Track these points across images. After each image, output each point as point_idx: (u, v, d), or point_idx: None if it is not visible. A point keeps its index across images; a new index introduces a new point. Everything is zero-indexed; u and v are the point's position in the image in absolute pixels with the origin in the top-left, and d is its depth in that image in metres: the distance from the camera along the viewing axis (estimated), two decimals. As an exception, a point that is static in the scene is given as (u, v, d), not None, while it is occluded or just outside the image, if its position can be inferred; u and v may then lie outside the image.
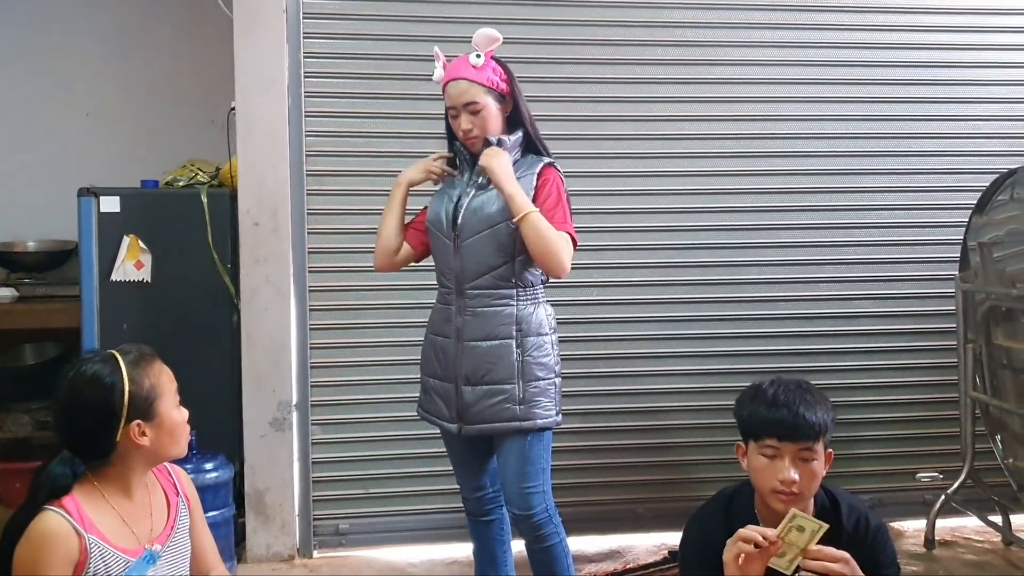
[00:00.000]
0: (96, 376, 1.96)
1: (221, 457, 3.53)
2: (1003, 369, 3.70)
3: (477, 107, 2.62)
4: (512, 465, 2.65)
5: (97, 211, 3.75)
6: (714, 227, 3.97)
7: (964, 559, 3.70)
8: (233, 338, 3.79)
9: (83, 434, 1.97)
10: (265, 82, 3.69)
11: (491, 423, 2.63)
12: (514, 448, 2.64)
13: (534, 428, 2.63)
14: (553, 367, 2.68)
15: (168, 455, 2.07)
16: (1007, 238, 3.62)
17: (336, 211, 3.76)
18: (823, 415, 2.06)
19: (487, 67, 2.64)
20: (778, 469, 2.03)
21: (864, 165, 4.05)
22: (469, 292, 2.65)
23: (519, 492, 2.65)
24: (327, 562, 3.74)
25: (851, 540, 2.07)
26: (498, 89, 2.65)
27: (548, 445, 2.70)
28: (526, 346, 2.62)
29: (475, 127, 2.64)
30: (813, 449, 2.04)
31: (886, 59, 4.05)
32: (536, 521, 2.65)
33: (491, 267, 2.62)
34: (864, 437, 4.03)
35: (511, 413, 2.61)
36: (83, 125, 4.85)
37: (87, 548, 1.90)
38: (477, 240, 2.63)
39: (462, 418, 2.67)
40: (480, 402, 2.63)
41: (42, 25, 4.84)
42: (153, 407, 2.00)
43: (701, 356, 3.97)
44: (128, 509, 2.02)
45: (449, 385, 2.69)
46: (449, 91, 2.66)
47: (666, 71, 3.94)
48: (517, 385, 2.61)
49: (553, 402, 2.67)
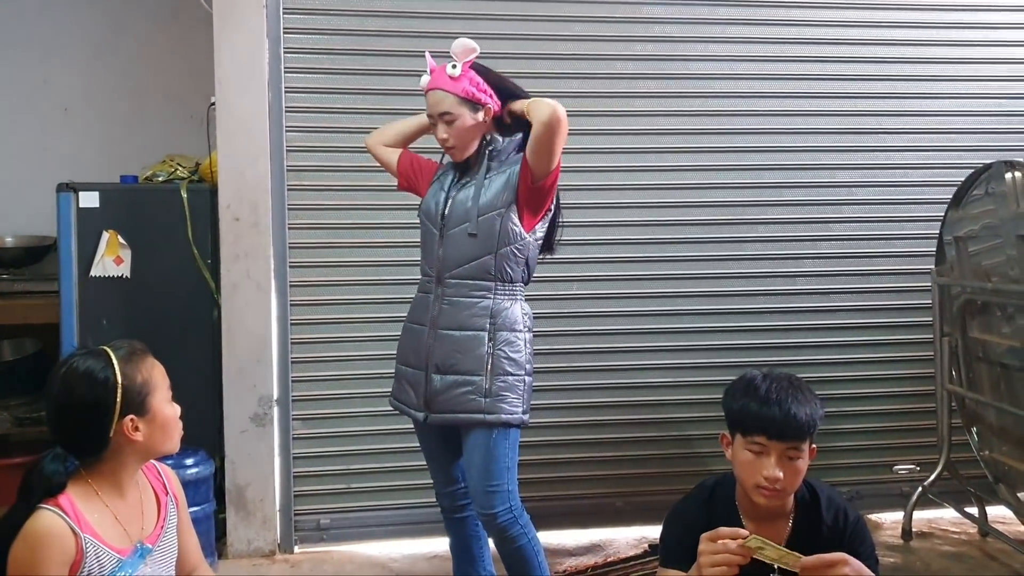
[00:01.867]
0: (89, 371, 1.95)
1: (202, 453, 3.53)
2: (979, 362, 3.74)
3: (451, 118, 2.65)
4: (476, 462, 2.67)
5: (76, 206, 3.73)
6: (691, 222, 3.99)
7: (941, 550, 3.74)
8: (213, 333, 3.78)
9: (77, 430, 1.97)
10: (245, 77, 3.68)
11: (456, 413, 2.65)
12: (479, 444, 2.65)
13: (498, 423, 2.63)
14: (524, 364, 2.68)
15: (161, 451, 2.06)
16: (982, 232, 3.66)
17: (316, 206, 3.76)
18: (812, 413, 2.06)
19: (463, 78, 2.65)
20: (764, 466, 2.03)
21: (841, 160, 4.08)
22: (448, 281, 2.68)
23: (482, 490, 2.66)
24: (308, 557, 3.74)
25: (830, 533, 2.09)
26: (473, 99, 2.65)
27: (514, 444, 2.70)
28: (498, 340, 2.64)
29: (450, 137, 2.67)
30: (800, 448, 2.04)
31: (863, 54, 4.07)
32: (500, 522, 2.66)
33: (472, 258, 2.64)
34: (842, 430, 4.06)
35: (476, 405, 2.62)
36: (61, 120, 4.82)
37: (83, 548, 1.90)
38: (460, 230, 2.65)
39: (429, 406, 2.69)
40: (447, 391, 2.65)
41: (20, 19, 4.81)
42: (146, 402, 2.00)
43: (679, 351, 3.99)
44: (121, 508, 2.01)
45: (420, 372, 2.71)
46: (428, 99, 2.70)
47: (639, 66, 3.96)
48: (485, 378, 2.62)
49: (520, 399, 2.66)
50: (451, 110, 2.64)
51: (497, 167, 2.69)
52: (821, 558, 1.89)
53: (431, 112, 2.70)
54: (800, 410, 2.04)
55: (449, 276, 2.67)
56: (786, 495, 2.07)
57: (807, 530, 2.10)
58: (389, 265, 3.73)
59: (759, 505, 2.08)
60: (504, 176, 2.66)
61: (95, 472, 1.99)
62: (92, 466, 1.99)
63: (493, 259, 2.64)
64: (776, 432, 2.03)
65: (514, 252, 2.65)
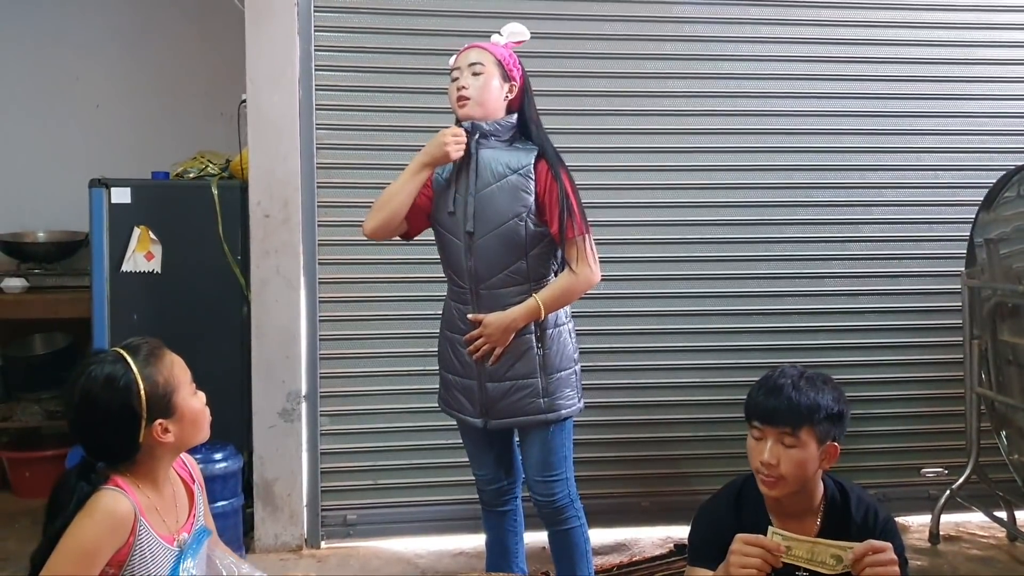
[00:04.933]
0: (109, 380, 1.91)
1: (230, 447, 3.56)
2: (1009, 365, 3.71)
3: (481, 68, 2.62)
4: (535, 456, 2.70)
5: (108, 202, 3.77)
6: (720, 222, 3.98)
7: (969, 554, 3.72)
8: (243, 329, 3.81)
9: (105, 440, 1.94)
10: (276, 74, 3.70)
11: (516, 417, 2.66)
12: (537, 439, 2.69)
13: (559, 419, 2.66)
14: (572, 356, 2.71)
15: (194, 443, 2.05)
16: (1014, 235, 3.64)
17: (346, 203, 3.77)
18: (814, 403, 2.04)
19: (505, 48, 2.68)
20: (760, 451, 2.05)
21: (871, 161, 4.06)
22: (484, 293, 2.64)
23: (542, 481, 2.70)
24: (335, 552, 3.76)
25: (860, 531, 2.08)
26: (507, 67, 2.65)
27: (569, 433, 2.75)
28: (545, 339, 2.65)
29: (471, 87, 2.61)
30: (795, 435, 2.03)
31: (894, 55, 4.04)
32: (559, 505, 2.71)
33: (505, 266, 2.62)
34: (869, 432, 4.04)
35: (536, 406, 2.64)
36: (93, 117, 4.88)
37: (137, 531, 1.89)
38: (489, 240, 2.61)
39: (488, 413, 2.69)
40: (505, 397, 2.65)
41: (53, 17, 4.87)
42: (172, 402, 1.97)
43: (706, 351, 3.98)
44: (158, 501, 2.00)
45: (471, 382, 2.69)
46: (459, 58, 2.68)
47: (669, 66, 3.94)
48: (540, 379, 2.64)
49: (575, 390, 2.71)
50: (483, 61, 2.62)
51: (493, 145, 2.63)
52: (871, 543, 1.88)
53: (458, 64, 2.65)
54: (799, 397, 2.04)
55: (484, 287, 2.64)
56: (788, 484, 2.05)
57: (836, 528, 2.09)
58: (418, 263, 3.74)
59: (786, 503, 2.08)
60: (514, 178, 2.59)
61: (130, 473, 1.97)
62: (127, 468, 1.96)
63: (525, 263, 2.62)
64: (768, 417, 2.05)
65: (544, 251, 2.64)
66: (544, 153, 2.63)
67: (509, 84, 2.66)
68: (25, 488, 4.37)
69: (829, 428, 2.07)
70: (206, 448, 3.39)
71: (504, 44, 2.68)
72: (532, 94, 2.73)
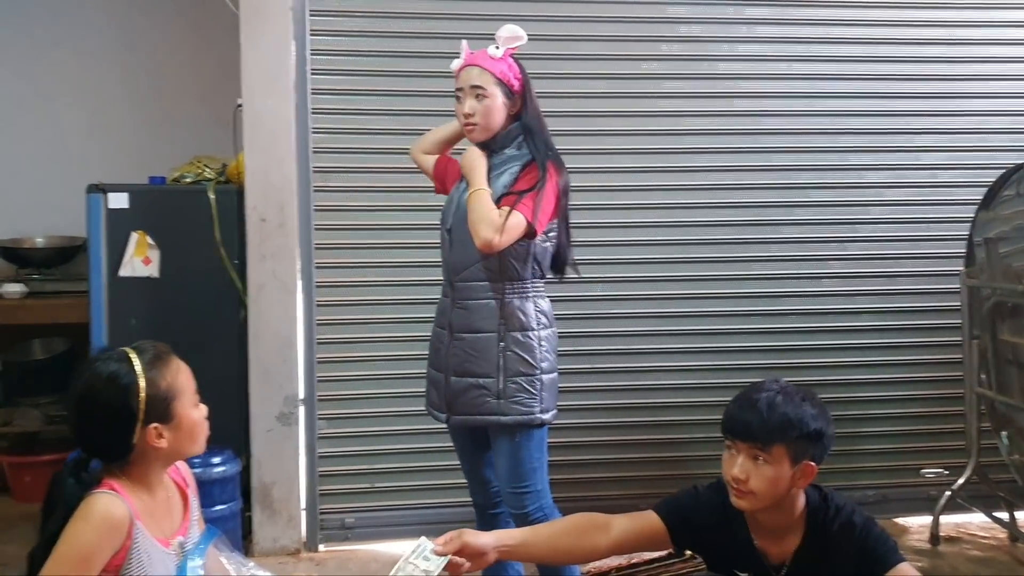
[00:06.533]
0: (113, 377, 1.92)
1: (228, 451, 3.56)
2: (1009, 365, 3.69)
3: (484, 93, 2.64)
4: (504, 465, 2.68)
5: (105, 207, 3.77)
6: (717, 223, 3.97)
7: (969, 555, 3.70)
8: (240, 333, 3.81)
9: (99, 435, 1.95)
10: (272, 79, 3.70)
11: (471, 415, 2.67)
12: (504, 447, 2.67)
13: (514, 424, 2.63)
14: (539, 363, 2.65)
15: (187, 454, 2.05)
16: (1013, 234, 3.62)
17: (342, 207, 3.78)
18: (788, 420, 1.99)
19: (503, 61, 2.67)
20: (732, 465, 2.04)
21: (869, 160, 4.05)
22: (458, 285, 2.69)
23: (512, 492, 2.69)
24: (333, 556, 3.76)
25: (840, 545, 2.04)
26: (508, 84, 2.66)
27: (540, 444, 2.70)
28: (509, 341, 2.63)
29: (476, 113, 2.66)
30: (767, 451, 1.99)
31: (891, 54, 4.04)
32: (531, 519, 2.66)
33: (476, 259, 2.64)
34: (869, 433, 4.03)
35: (489, 407, 2.63)
36: (90, 122, 4.88)
37: (133, 535, 1.89)
38: (463, 234, 2.63)
39: (450, 408, 2.71)
40: (464, 393, 2.66)
41: (49, 22, 4.87)
42: (171, 409, 1.97)
43: (703, 352, 3.98)
44: (151, 504, 2.00)
45: (441, 375, 2.73)
46: (461, 75, 2.70)
47: (666, 66, 3.95)
48: (497, 379, 2.62)
49: (536, 399, 2.64)
50: (485, 86, 2.64)
51: (499, 164, 2.67)
52: None
53: (461, 85, 2.68)
54: (771, 414, 1.99)
55: (458, 279, 2.69)
56: (758, 499, 2.02)
57: (817, 544, 2.07)
58: (414, 266, 3.74)
59: (763, 519, 2.07)
60: (502, 177, 2.63)
61: (124, 473, 1.97)
62: (120, 468, 1.97)
63: (496, 259, 2.61)
64: (739, 431, 2.02)
65: (520, 251, 2.62)
66: (535, 160, 2.65)
67: (513, 97, 2.69)
68: (25, 493, 4.37)
69: (805, 447, 2.01)
70: (204, 452, 3.39)
71: (502, 55, 2.67)
72: (533, 95, 2.73)
